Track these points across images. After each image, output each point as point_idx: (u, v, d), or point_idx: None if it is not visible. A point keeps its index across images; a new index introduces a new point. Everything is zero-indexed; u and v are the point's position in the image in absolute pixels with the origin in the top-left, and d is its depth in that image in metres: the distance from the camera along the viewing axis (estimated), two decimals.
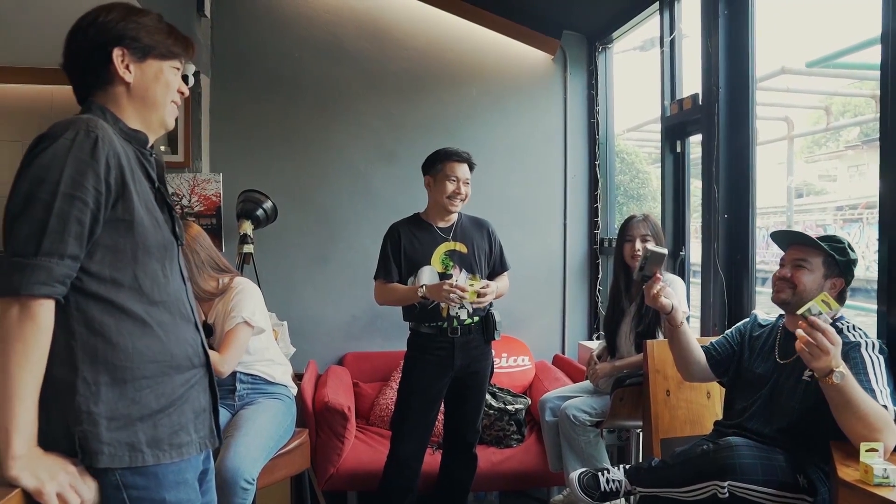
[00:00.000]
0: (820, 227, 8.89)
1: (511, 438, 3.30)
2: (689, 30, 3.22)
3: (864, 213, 7.70)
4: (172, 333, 1.29)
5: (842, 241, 1.99)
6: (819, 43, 3.18)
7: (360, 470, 3.04)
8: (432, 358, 2.69)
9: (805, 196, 9.36)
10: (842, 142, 7.86)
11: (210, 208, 3.52)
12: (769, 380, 2.03)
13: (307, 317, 3.79)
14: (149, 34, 1.31)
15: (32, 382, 1.12)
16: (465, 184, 2.70)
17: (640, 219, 2.84)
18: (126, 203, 1.21)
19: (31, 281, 1.11)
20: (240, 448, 2.21)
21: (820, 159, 9.33)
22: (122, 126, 1.29)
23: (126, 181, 1.21)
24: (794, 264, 2.01)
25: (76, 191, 1.15)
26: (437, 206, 2.74)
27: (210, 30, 3.70)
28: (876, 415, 1.69)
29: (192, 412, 1.31)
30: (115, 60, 1.28)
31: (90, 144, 1.17)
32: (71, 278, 1.16)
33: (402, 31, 3.88)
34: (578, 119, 4.00)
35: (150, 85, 1.32)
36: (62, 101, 3.64)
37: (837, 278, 1.98)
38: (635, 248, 2.80)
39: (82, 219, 1.15)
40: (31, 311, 1.11)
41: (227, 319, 2.37)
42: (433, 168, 2.72)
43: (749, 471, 1.78)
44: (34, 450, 1.13)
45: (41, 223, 1.13)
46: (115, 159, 1.19)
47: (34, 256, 1.12)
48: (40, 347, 1.13)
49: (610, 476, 2.14)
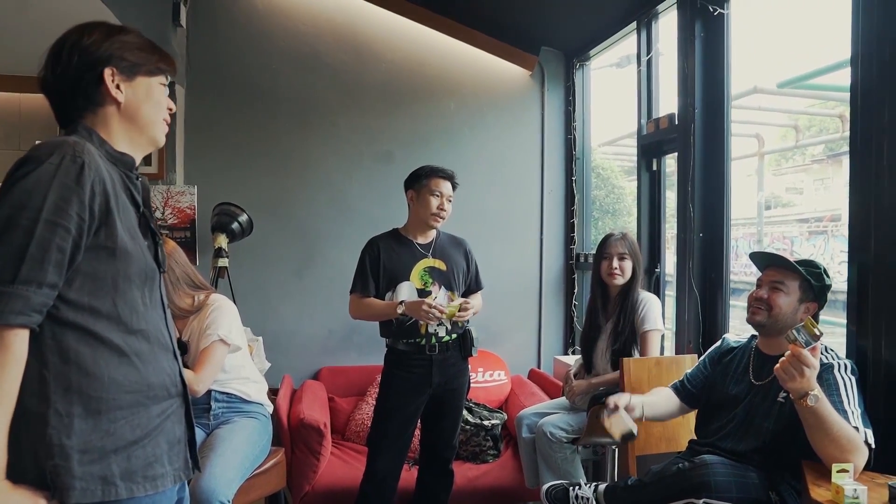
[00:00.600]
0: (787, 240, 9.08)
1: (487, 454, 3.30)
2: (666, 48, 3.27)
3: (828, 225, 7.88)
4: (150, 363, 1.26)
5: (818, 266, 2.03)
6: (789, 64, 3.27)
7: (336, 487, 3.01)
8: (410, 375, 2.68)
9: (773, 208, 9.55)
10: (808, 155, 8.05)
11: (184, 221, 3.47)
12: (743, 400, 2.06)
13: (283, 331, 3.75)
14: (135, 52, 1.29)
15: (3, 413, 1.09)
16: (448, 200, 2.71)
17: (618, 237, 2.87)
18: (109, 230, 1.18)
19: (6, 310, 1.08)
20: (215, 469, 2.17)
21: (787, 172, 9.53)
22: (108, 149, 1.26)
23: (110, 208, 1.18)
24: (770, 286, 2.04)
25: (59, 218, 1.12)
26: (418, 222, 2.74)
27: (185, 40, 3.65)
28: (848, 437, 1.72)
29: (166, 443, 1.28)
30: (107, 80, 1.25)
31: (76, 170, 1.14)
32: (48, 307, 1.13)
33: (381, 44, 3.87)
34: (555, 134, 4.04)
35: (142, 104, 1.30)
36: (30, 110, 3.56)
37: (812, 302, 2.02)
38: (612, 266, 2.83)
39: (63, 246, 1.12)
40: (5, 341, 1.08)
41: (203, 337, 2.34)
42: (417, 183, 2.72)
43: (723, 488, 1.81)
44: (2, 483, 1.10)
45: (20, 250, 1.10)
46: (100, 185, 1.17)
47: (11, 284, 1.09)
48: (12, 377, 1.10)
49: (579, 492, 2.15)
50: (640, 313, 2.80)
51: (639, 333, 2.80)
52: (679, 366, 2.63)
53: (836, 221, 7.02)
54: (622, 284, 2.85)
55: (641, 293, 2.86)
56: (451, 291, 2.73)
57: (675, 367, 2.63)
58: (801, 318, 2.00)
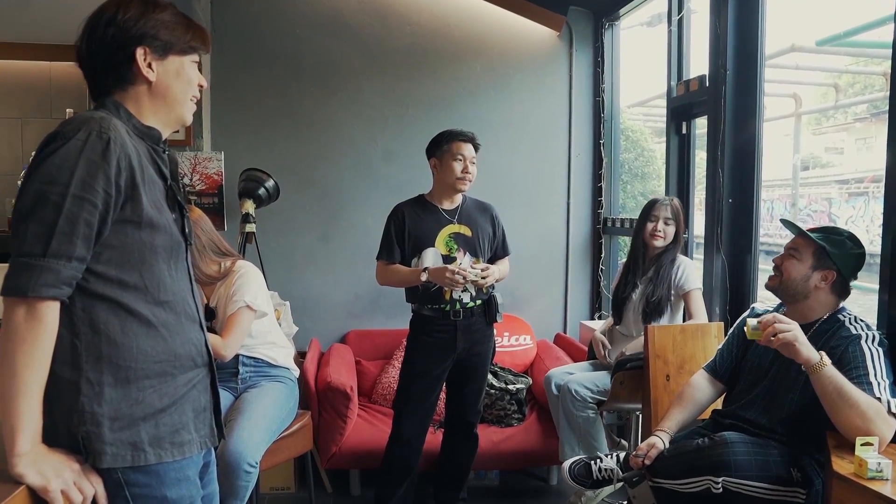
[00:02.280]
0: (825, 201, 8.85)
1: (512, 418, 3.33)
2: (698, 5, 3.16)
3: (869, 186, 7.65)
4: (177, 333, 1.29)
5: (841, 233, 1.99)
6: (829, 21, 3.13)
7: (362, 449, 3.07)
8: (435, 340, 2.70)
9: (811, 169, 9.28)
10: (850, 114, 7.77)
11: (212, 187, 3.51)
12: (769, 371, 2.04)
13: (310, 295, 3.80)
14: (168, 30, 1.29)
15: (37, 381, 1.13)
16: (471, 163, 2.69)
17: (666, 201, 2.93)
18: (135, 204, 1.20)
19: (38, 282, 1.11)
20: (243, 432, 2.23)
21: (827, 131, 9.23)
22: (135, 123, 1.28)
23: (136, 182, 1.20)
24: (787, 253, 2.03)
25: (86, 193, 1.14)
26: (444, 187, 2.72)
27: (210, 6, 3.64)
28: (868, 402, 1.72)
29: (192, 411, 1.32)
30: (139, 60, 1.26)
31: (102, 146, 1.15)
32: (77, 279, 1.16)
33: (406, 6, 3.81)
34: (583, 97, 3.96)
35: (172, 82, 1.30)
36: (61, 78, 3.61)
37: (828, 270, 1.97)
38: (657, 228, 2.88)
39: (91, 221, 1.15)
40: (38, 312, 1.12)
41: (230, 303, 2.38)
42: (438, 149, 2.70)
43: (743, 467, 1.81)
44: (39, 447, 1.14)
45: (50, 224, 1.12)
46: (125, 160, 1.18)
47: (42, 257, 1.12)
48: (45, 347, 1.13)
49: (602, 465, 2.16)
50: (679, 275, 2.84)
51: (679, 295, 2.83)
52: (704, 333, 2.61)
53: (879, 182, 6.79)
54: (662, 247, 2.89)
55: (679, 256, 2.90)
56: (477, 258, 2.73)
57: (700, 334, 2.60)
58: (818, 285, 1.97)
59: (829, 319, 1.96)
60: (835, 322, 1.94)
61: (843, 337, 1.88)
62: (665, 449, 2.00)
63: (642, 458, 1.99)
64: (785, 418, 1.95)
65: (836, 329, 1.92)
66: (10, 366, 1.11)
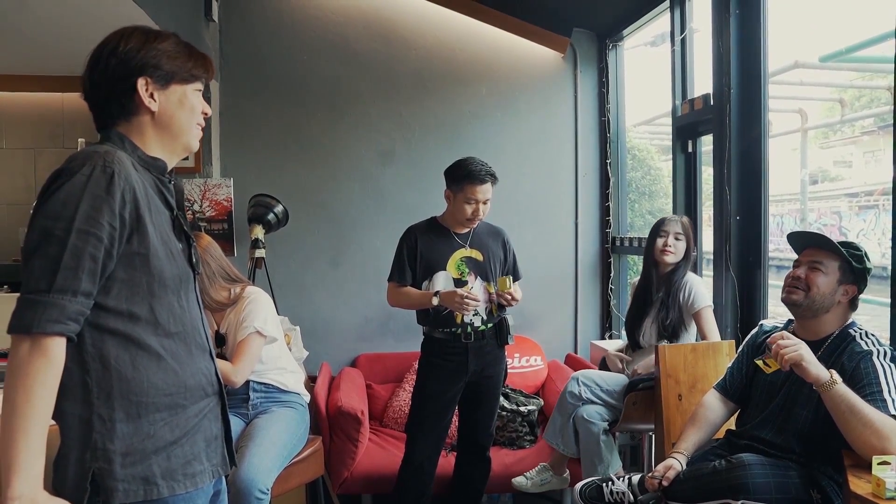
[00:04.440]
0: (835, 214, 8.79)
1: (524, 440, 3.31)
2: (700, 24, 3.19)
3: (879, 199, 7.60)
4: (187, 365, 1.29)
5: (860, 248, 1.96)
6: (832, 37, 3.15)
7: (374, 473, 3.06)
8: (447, 363, 2.70)
9: (820, 182, 9.24)
10: (857, 127, 7.75)
11: (221, 213, 3.54)
12: (781, 388, 2.02)
13: (320, 319, 3.81)
14: (170, 60, 1.30)
15: (39, 420, 1.10)
16: (484, 203, 2.68)
17: (676, 218, 2.90)
18: (141, 236, 1.21)
19: (43, 318, 1.11)
20: (254, 459, 2.23)
21: (835, 145, 9.20)
22: (140, 154, 1.28)
23: (141, 214, 1.20)
24: (809, 265, 1.97)
25: (91, 227, 1.14)
26: (455, 218, 2.73)
27: (218, 34, 3.70)
28: (882, 420, 1.70)
29: (203, 441, 1.32)
30: (140, 90, 1.27)
31: (106, 180, 1.16)
32: (84, 315, 1.16)
33: (411, 31, 3.86)
34: (589, 117, 3.98)
35: (175, 111, 1.31)
36: (73, 109, 3.67)
37: (851, 285, 1.95)
38: (667, 244, 2.84)
39: (96, 255, 1.15)
40: (42, 347, 1.11)
41: (239, 329, 2.39)
42: (455, 184, 2.67)
43: (762, 489, 1.78)
44: (36, 492, 1.10)
45: (55, 259, 1.12)
46: (130, 193, 1.19)
47: (47, 293, 1.12)
48: (48, 383, 1.12)
49: (614, 488, 2.14)
50: (687, 294, 2.79)
51: (690, 314, 2.79)
52: (716, 351, 2.59)
53: (889, 195, 6.73)
54: (672, 264, 2.85)
55: (688, 275, 2.85)
56: (488, 282, 2.74)
57: (712, 352, 2.59)
58: (840, 300, 1.95)
59: (840, 335, 1.94)
60: (846, 337, 1.92)
61: (854, 353, 1.86)
62: (681, 471, 1.98)
63: (659, 479, 1.97)
64: (799, 436, 1.92)
65: (847, 344, 1.90)
66: (12, 402, 1.10)
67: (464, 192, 2.64)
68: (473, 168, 2.65)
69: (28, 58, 3.32)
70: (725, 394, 2.20)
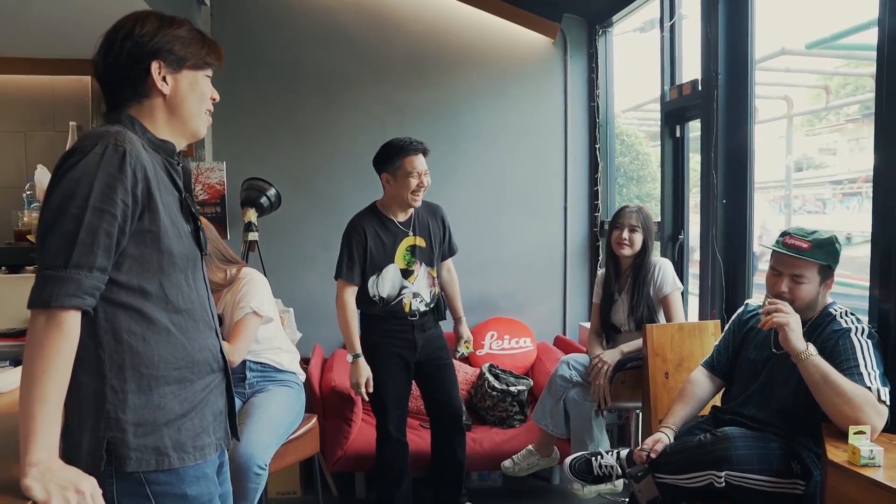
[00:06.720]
0: (819, 202, 8.89)
1: (514, 419, 3.38)
2: (689, 10, 3.23)
3: (863, 186, 7.70)
4: (195, 340, 1.33)
5: (829, 237, 1.99)
6: (818, 24, 3.19)
7: (367, 451, 3.11)
8: (394, 341, 2.79)
9: (805, 170, 9.33)
10: (842, 115, 7.83)
11: (214, 197, 3.56)
12: (764, 367, 2.09)
13: (312, 302, 3.84)
14: (183, 45, 1.32)
15: (55, 390, 1.14)
16: (425, 174, 2.69)
17: (633, 209, 2.89)
18: (152, 214, 1.24)
19: (60, 293, 1.14)
20: (252, 436, 2.28)
21: (820, 133, 9.28)
22: (150, 137, 1.31)
23: (152, 193, 1.23)
24: (791, 280, 2.00)
25: (105, 204, 1.17)
26: (397, 201, 2.74)
27: (210, 18, 3.70)
28: (854, 391, 1.77)
29: (211, 415, 1.36)
30: (153, 73, 1.29)
31: (118, 158, 1.19)
32: (100, 290, 1.19)
33: (403, 15, 3.88)
34: (578, 102, 4.02)
35: (186, 96, 1.34)
36: (63, 92, 3.65)
37: (830, 278, 2.02)
38: (622, 237, 2.85)
39: (111, 231, 1.18)
40: (59, 321, 1.14)
41: (236, 310, 2.43)
42: (390, 165, 2.67)
43: (745, 461, 1.86)
44: (52, 460, 1.13)
45: (71, 236, 1.15)
46: (141, 172, 1.22)
47: (64, 269, 1.15)
48: (64, 355, 1.15)
49: (602, 461, 2.21)
50: (656, 280, 2.83)
51: (659, 300, 2.83)
52: (702, 331, 2.66)
53: (871, 182, 6.84)
54: (631, 256, 2.87)
55: (653, 259, 2.88)
56: (431, 267, 2.83)
57: (698, 332, 2.66)
58: (820, 292, 2.01)
59: (821, 315, 2.02)
60: (827, 316, 2.00)
61: (834, 330, 1.94)
62: (669, 444, 2.05)
63: (647, 452, 2.04)
64: (781, 412, 2.00)
65: (828, 323, 1.98)
66: (30, 373, 1.13)
67: (403, 167, 2.65)
68: (405, 142, 2.68)
69: (19, 40, 3.29)
70: (713, 370, 2.27)
